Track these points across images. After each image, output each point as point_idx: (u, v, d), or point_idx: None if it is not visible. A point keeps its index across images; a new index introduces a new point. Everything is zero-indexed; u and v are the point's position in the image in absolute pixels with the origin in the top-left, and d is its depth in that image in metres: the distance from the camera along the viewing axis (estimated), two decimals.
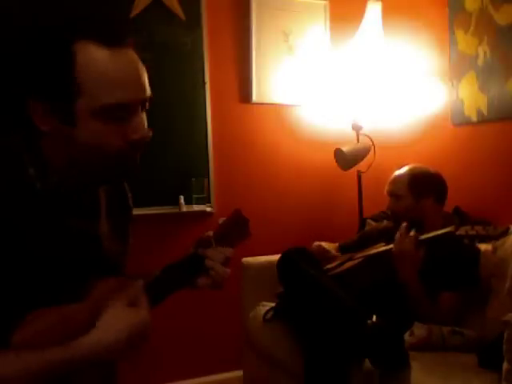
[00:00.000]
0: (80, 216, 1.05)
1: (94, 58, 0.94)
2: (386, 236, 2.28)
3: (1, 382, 0.88)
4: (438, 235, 2.03)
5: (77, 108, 0.94)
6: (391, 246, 2.16)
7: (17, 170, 0.99)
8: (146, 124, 1.01)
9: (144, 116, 1.01)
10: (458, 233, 1.89)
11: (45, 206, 0.99)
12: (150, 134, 1.01)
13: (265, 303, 2.41)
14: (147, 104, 1.02)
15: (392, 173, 2.38)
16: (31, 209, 0.98)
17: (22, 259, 0.95)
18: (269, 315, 2.28)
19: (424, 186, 2.28)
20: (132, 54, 0.99)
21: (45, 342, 0.91)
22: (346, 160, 2.76)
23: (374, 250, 2.29)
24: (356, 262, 2.29)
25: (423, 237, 2.09)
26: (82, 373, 0.95)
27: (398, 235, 2.12)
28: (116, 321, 0.93)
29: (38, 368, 0.89)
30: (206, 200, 2.73)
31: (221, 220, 1.15)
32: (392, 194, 2.33)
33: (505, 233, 1.89)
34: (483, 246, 2.14)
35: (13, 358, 0.89)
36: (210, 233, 1.13)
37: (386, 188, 2.36)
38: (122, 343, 0.93)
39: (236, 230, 1.14)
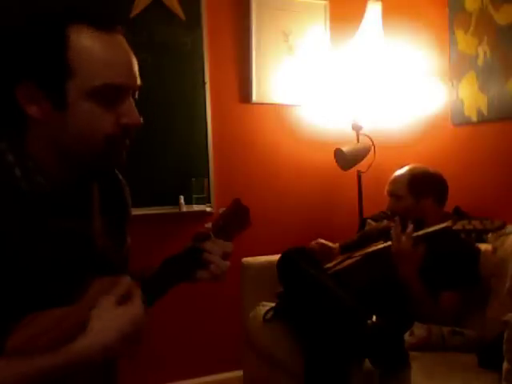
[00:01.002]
0: (70, 215, 1.03)
1: (87, 40, 0.94)
2: (386, 236, 2.27)
3: None
4: (435, 231, 2.03)
5: (68, 89, 0.94)
6: (389, 243, 2.15)
7: (1, 170, 0.97)
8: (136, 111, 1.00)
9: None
10: (455, 227, 1.89)
11: (31, 208, 0.98)
12: (141, 121, 1.00)
13: (265, 303, 2.40)
14: (137, 93, 1.02)
15: (392, 173, 2.38)
16: (17, 211, 0.96)
17: (11, 264, 0.93)
18: (269, 315, 2.28)
19: (424, 186, 2.28)
20: (123, 41, 0.99)
21: (39, 347, 0.90)
22: (346, 160, 2.76)
23: (372, 248, 2.29)
24: (354, 260, 2.30)
25: (420, 233, 2.08)
26: (79, 374, 0.95)
27: (393, 233, 2.12)
28: (105, 322, 0.93)
29: (28, 375, 0.88)
30: (206, 200, 2.73)
31: (221, 210, 1.14)
32: (392, 195, 2.33)
33: (502, 226, 1.89)
34: (483, 246, 2.14)
35: (3, 365, 0.88)
36: (210, 224, 1.11)
37: (386, 188, 2.36)
38: (117, 342, 0.92)
39: (236, 219, 1.13)
